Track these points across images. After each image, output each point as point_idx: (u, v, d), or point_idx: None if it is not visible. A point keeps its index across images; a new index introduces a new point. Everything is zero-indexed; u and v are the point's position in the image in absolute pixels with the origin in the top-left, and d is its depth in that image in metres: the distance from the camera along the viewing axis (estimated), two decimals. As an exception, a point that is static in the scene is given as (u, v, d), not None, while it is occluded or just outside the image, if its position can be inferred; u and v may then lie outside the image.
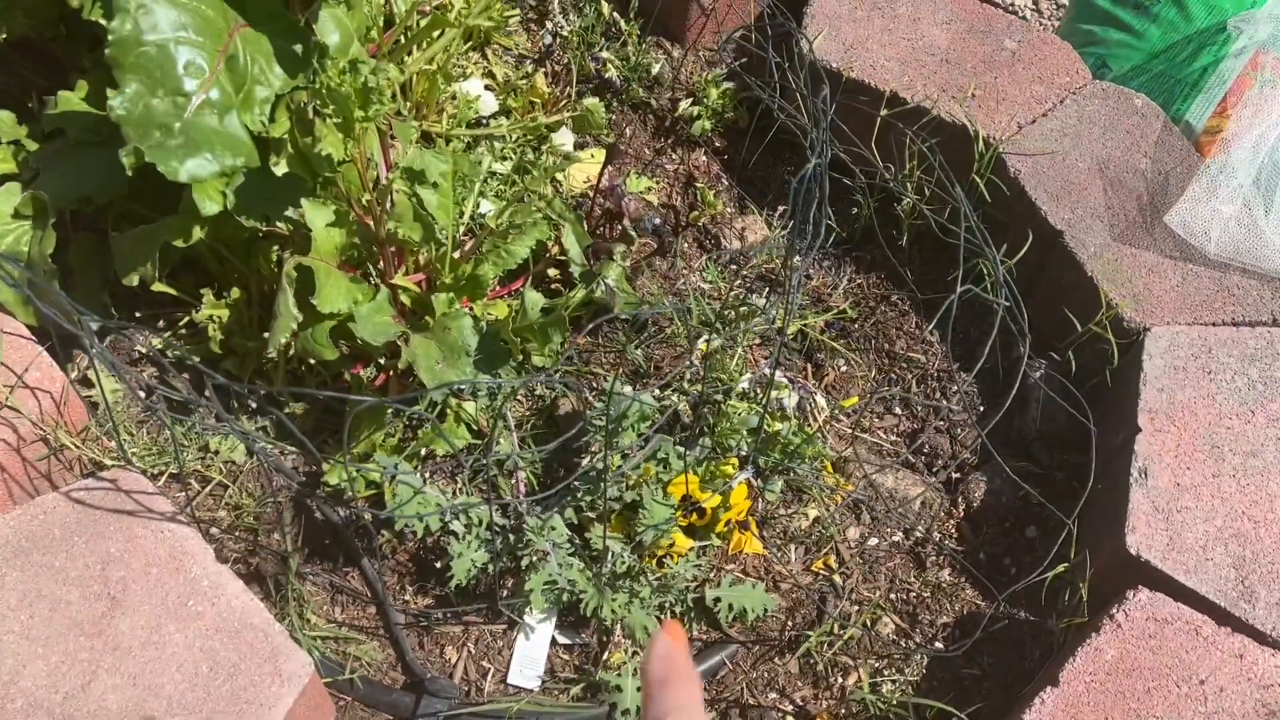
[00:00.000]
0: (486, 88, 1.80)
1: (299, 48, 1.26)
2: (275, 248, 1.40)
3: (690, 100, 1.81)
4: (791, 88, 1.64)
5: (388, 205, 1.33)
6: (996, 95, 1.64)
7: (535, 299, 1.43)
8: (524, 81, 1.79)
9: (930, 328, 1.63)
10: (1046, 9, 2.28)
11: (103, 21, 1.27)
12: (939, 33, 1.71)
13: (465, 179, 1.47)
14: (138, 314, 1.50)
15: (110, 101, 1.09)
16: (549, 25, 1.87)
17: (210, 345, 1.39)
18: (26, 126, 1.51)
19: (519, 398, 1.56)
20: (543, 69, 1.84)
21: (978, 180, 1.59)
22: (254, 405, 1.47)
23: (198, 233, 1.26)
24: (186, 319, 1.48)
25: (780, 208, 1.78)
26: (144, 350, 1.49)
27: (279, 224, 1.31)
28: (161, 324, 1.51)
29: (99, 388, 1.37)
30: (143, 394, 1.41)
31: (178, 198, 1.33)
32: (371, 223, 1.31)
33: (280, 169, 1.21)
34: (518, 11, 1.90)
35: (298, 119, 1.23)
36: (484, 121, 1.76)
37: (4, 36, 1.34)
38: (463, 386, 1.46)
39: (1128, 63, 1.83)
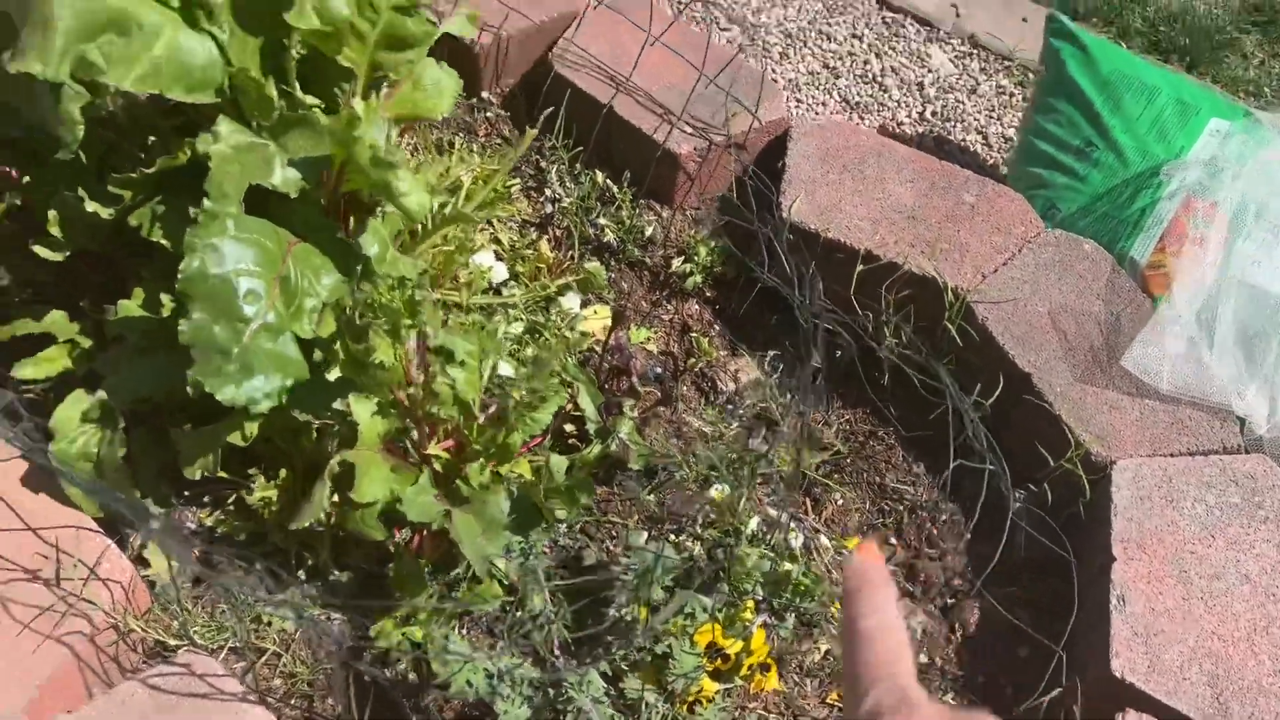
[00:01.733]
0: (496, 255, 1.95)
1: (342, 257, 1.41)
2: (317, 432, 1.52)
3: (682, 257, 1.97)
4: (774, 240, 1.81)
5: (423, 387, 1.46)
6: (960, 247, 1.82)
7: (560, 463, 1.56)
8: (530, 250, 1.95)
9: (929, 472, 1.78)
10: (995, 143, 2.49)
11: (162, 241, 1.41)
12: (904, 191, 1.89)
13: (487, 353, 1.61)
14: (186, 492, 1.61)
15: (180, 327, 1.21)
16: (548, 192, 2.03)
17: (260, 524, 1.51)
18: (78, 324, 1.63)
19: (545, 550, 1.68)
20: (545, 234, 2.00)
21: (949, 327, 1.76)
22: (302, 575, 1.58)
23: (253, 429, 1.38)
24: (235, 496, 1.59)
25: (772, 352, 1.93)
26: (194, 528, 1.60)
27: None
28: (207, 499, 1.62)
29: (159, 569, 1.47)
30: (197, 569, 1.52)
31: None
32: (409, 405, 1.44)
33: (333, 375, 1.34)
34: (518, 181, 2.06)
35: (347, 326, 1.37)
36: (496, 289, 1.91)
37: (69, 253, 1.47)
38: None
39: (1074, 204, 2.03)
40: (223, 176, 1.30)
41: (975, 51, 2.70)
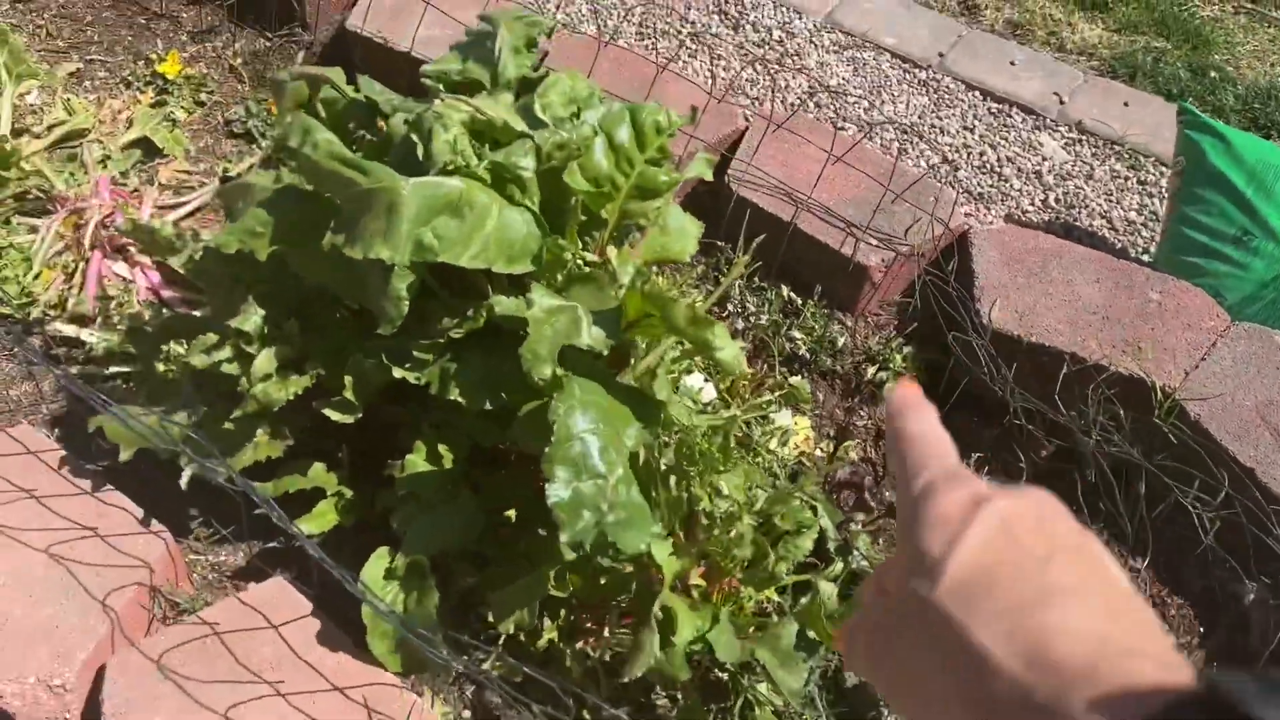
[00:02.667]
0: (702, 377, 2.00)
1: (638, 405, 1.46)
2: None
3: (875, 365, 2.03)
4: (965, 342, 1.88)
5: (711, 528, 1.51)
6: (1158, 344, 1.90)
7: (829, 588, 1.61)
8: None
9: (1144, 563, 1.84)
10: (1120, 226, 2.59)
11: (458, 399, 1.46)
12: (1092, 291, 1.97)
13: (752, 486, 1.66)
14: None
15: (549, 489, 1.26)
16: (731, 307, 2.10)
17: (568, 672, 1.54)
18: (334, 474, 1.67)
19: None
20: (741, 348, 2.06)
21: (1160, 424, 1.83)
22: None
23: (576, 582, 1.42)
24: (502, 636, 1.62)
25: (975, 455, 1.99)
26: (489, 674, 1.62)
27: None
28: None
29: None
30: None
31: (530, 544, 1.50)
32: (701, 544, 1.49)
33: (656, 525, 1.39)
34: (700, 292, 2.13)
35: (656, 473, 1.42)
36: (705, 408, 1.96)
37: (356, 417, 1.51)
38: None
39: (1240, 292, 2.11)
40: (539, 339, 1.35)
41: (1084, 138, 2.81)
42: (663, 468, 1.43)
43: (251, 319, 1.42)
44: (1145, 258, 2.44)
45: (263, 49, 2.55)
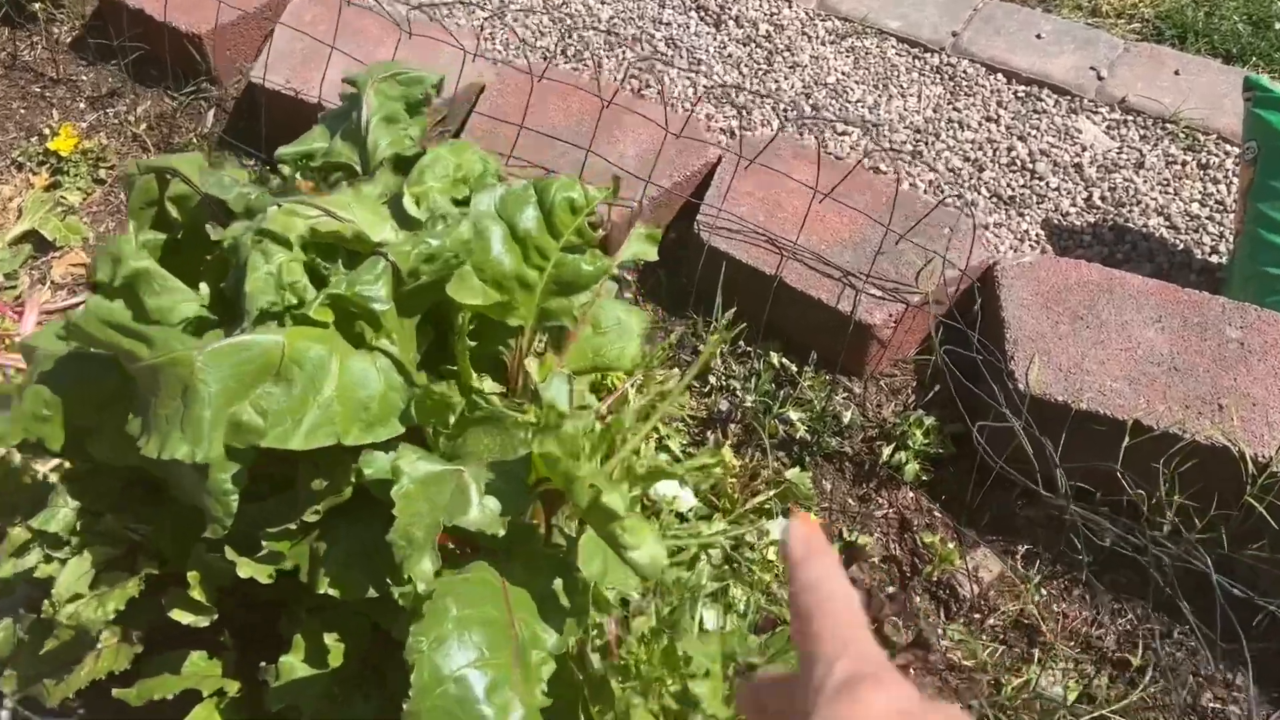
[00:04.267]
0: (654, 473, 1.65)
1: (563, 582, 1.12)
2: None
3: (891, 445, 1.67)
4: (998, 412, 1.51)
5: None
6: (1243, 399, 1.51)
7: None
8: (710, 460, 1.65)
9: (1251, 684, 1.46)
10: (1181, 223, 2.18)
11: (330, 592, 1.13)
12: (1155, 335, 1.58)
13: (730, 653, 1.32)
14: None
15: (415, 759, 0.93)
16: (713, 380, 1.74)
17: None
18: (219, 661, 1.36)
19: None
20: (722, 435, 1.71)
21: (1253, 503, 1.44)
22: None
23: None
24: None
25: (1024, 546, 1.62)
26: None
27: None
28: None
29: None
30: None
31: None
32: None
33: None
34: (677, 370, 1.78)
35: (588, 685, 1.08)
36: (683, 518, 1.61)
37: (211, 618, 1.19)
38: None
39: (1341, 312, 1.71)
40: (410, 522, 1.02)
41: (1129, 118, 2.40)
42: (600, 670, 1.09)
43: (58, 516, 1.10)
44: (1216, 258, 2.03)
45: (169, 110, 2.23)
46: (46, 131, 2.20)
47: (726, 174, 1.80)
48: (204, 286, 1.22)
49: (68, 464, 1.22)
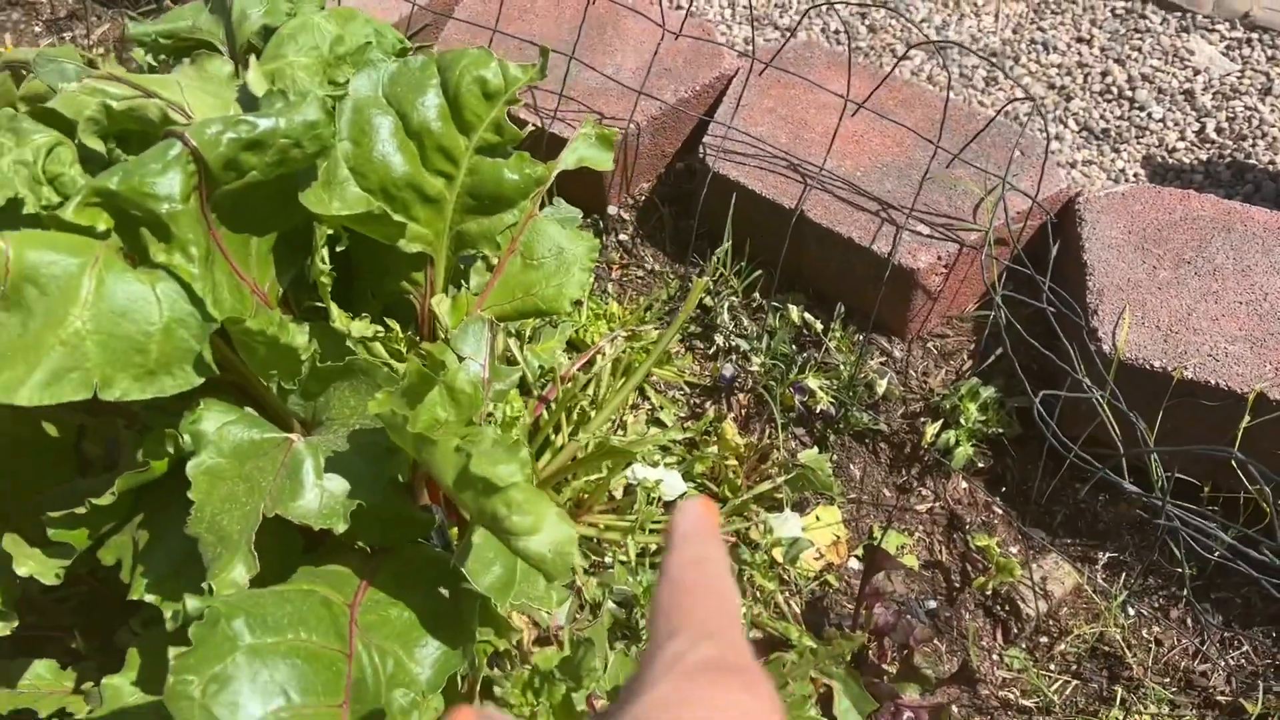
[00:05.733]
0: (663, 458, 1.34)
1: (444, 592, 0.81)
2: None
3: (939, 421, 1.32)
4: (1073, 381, 1.15)
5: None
6: None
7: None
8: (708, 435, 1.33)
9: None
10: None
11: (148, 598, 0.84)
12: (1287, 284, 1.21)
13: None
14: None
15: None
16: (719, 340, 1.42)
17: None
18: (74, 672, 1.09)
19: None
20: (725, 406, 1.38)
21: None
22: None
23: None
24: None
25: (1105, 555, 1.26)
26: None
27: None
28: None
29: None
30: None
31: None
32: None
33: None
34: (660, 325, 1.45)
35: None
36: (671, 508, 1.30)
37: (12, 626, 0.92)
38: None
39: None
40: (219, 509, 0.73)
41: (1253, 36, 1.98)
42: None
43: None
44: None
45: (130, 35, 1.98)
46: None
47: (742, 87, 1.47)
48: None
49: None
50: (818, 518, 1.30)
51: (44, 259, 0.68)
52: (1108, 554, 1.27)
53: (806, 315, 1.38)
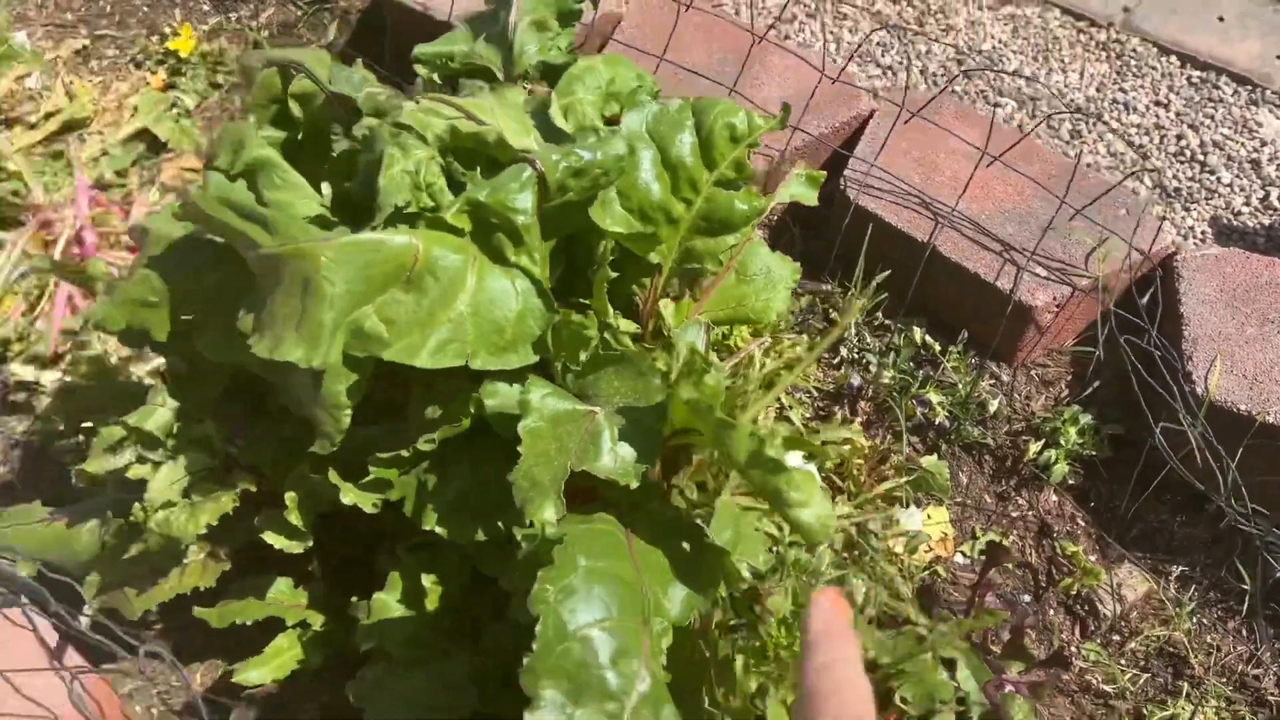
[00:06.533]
0: (788, 441, 1.52)
1: (689, 549, 1.00)
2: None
3: (1040, 441, 1.51)
4: (1174, 411, 1.34)
5: None
6: None
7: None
8: (844, 444, 1.51)
9: None
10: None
11: (438, 529, 1.02)
12: (1359, 348, 1.40)
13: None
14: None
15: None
16: (844, 352, 1.60)
17: None
18: (304, 592, 1.27)
19: None
20: (851, 412, 1.57)
21: None
22: None
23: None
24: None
25: (1178, 568, 1.46)
26: None
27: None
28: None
29: None
30: None
31: None
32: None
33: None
34: (805, 337, 1.64)
35: (706, 665, 0.96)
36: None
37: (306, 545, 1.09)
38: None
39: None
40: (535, 463, 0.91)
41: (1318, 114, 2.18)
42: (726, 652, 0.97)
43: (155, 415, 1.02)
44: None
45: (293, 19, 2.15)
46: (168, 30, 2.13)
47: (881, 128, 1.65)
48: (326, 187, 1.12)
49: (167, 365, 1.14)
50: (929, 516, 1.49)
51: (441, 255, 0.86)
52: (1180, 567, 1.46)
53: (927, 337, 1.57)
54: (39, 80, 2.08)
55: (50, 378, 1.59)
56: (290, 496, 1.05)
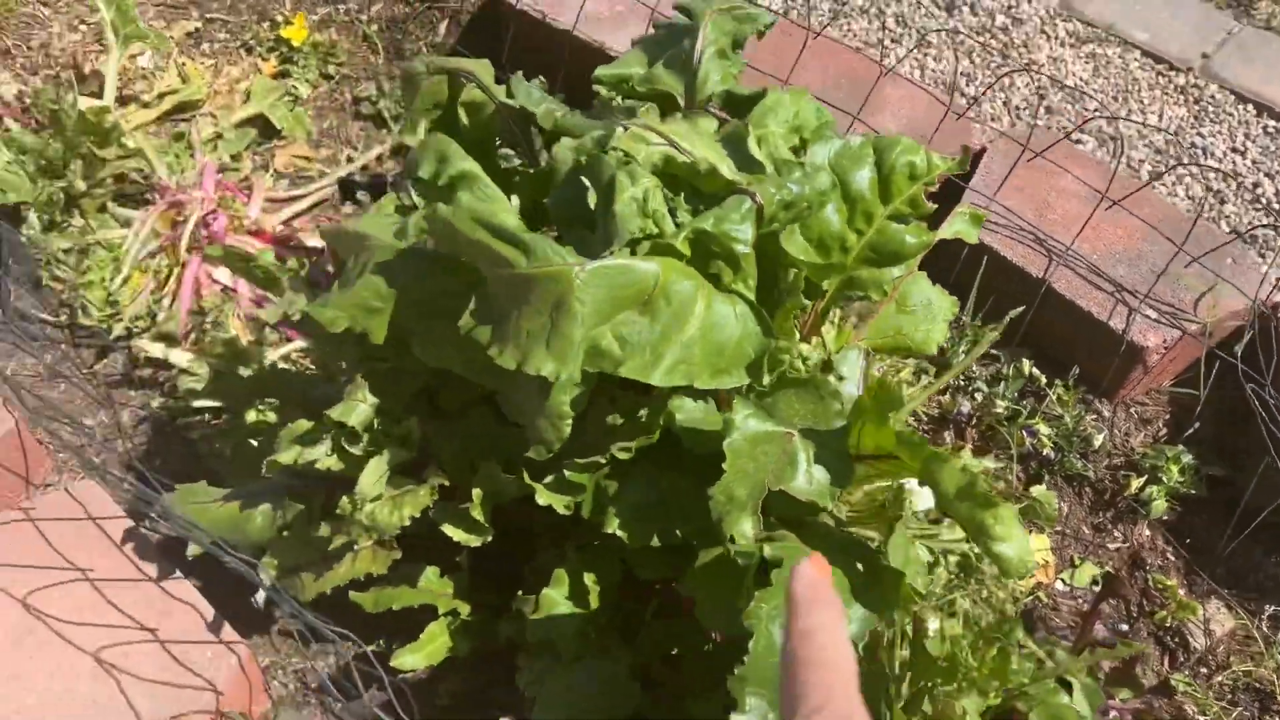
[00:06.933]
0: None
1: (865, 571, 1.05)
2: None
3: (1142, 477, 1.57)
4: (1268, 455, 1.40)
5: None
6: None
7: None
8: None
9: None
10: None
11: (619, 533, 1.07)
12: None
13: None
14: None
15: (734, 722, 0.87)
16: (952, 380, 1.66)
17: None
18: (450, 581, 1.32)
19: None
20: (959, 438, 1.63)
21: None
22: None
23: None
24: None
25: (1270, 607, 1.52)
26: None
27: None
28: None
29: None
30: None
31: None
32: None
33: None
34: (912, 361, 1.69)
35: (882, 680, 1.01)
36: (917, 515, 1.54)
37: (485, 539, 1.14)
38: None
39: None
40: (737, 478, 0.96)
41: (1393, 171, 2.25)
42: (897, 670, 1.03)
43: (357, 410, 1.06)
44: None
45: (401, 15, 2.19)
46: (279, 19, 2.17)
47: (996, 163, 1.71)
48: (514, 199, 1.17)
49: (294, 353, 1.18)
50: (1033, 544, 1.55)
51: (676, 282, 0.91)
52: (1271, 606, 1.52)
53: (1035, 370, 1.63)
54: (151, 60, 2.11)
55: (179, 356, 1.63)
56: (477, 492, 1.10)
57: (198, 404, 1.55)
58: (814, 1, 2.54)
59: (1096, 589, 1.51)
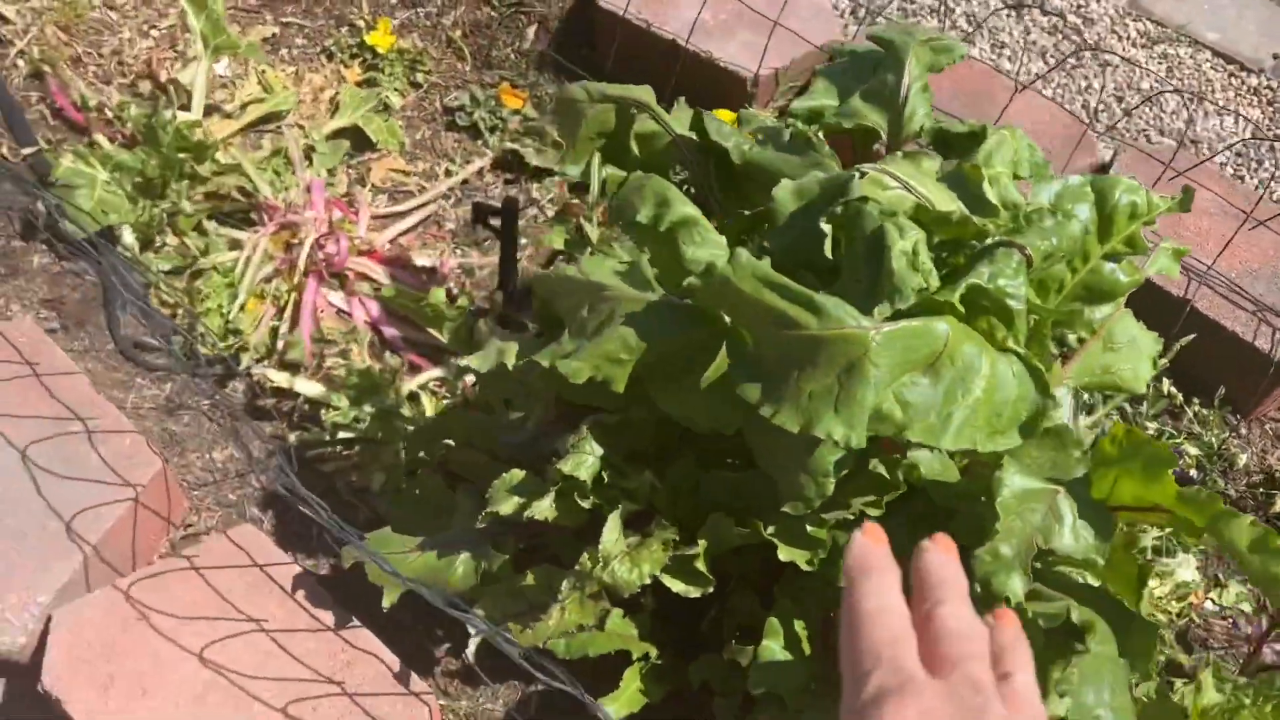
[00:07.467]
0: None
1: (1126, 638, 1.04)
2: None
3: (1286, 495, 1.59)
4: None
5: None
6: None
7: None
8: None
9: None
10: None
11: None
12: None
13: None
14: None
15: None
16: (1085, 396, 1.65)
17: None
18: (633, 622, 1.30)
19: None
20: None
21: None
22: None
23: None
24: None
25: None
26: None
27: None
28: None
29: None
30: None
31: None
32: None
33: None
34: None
35: None
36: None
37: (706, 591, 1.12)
38: None
39: None
40: (1009, 535, 0.95)
41: None
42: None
43: (586, 463, 1.03)
44: None
45: (485, 19, 2.13)
46: (360, 24, 2.10)
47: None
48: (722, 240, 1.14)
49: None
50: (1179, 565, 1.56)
51: (961, 342, 0.89)
52: None
53: (1173, 389, 1.63)
54: (228, 67, 2.04)
55: (306, 386, 1.59)
56: (702, 544, 1.08)
57: (338, 436, 1.51)
58: (880, 3, 2.52)
59: (1245, 609, 1.53)
